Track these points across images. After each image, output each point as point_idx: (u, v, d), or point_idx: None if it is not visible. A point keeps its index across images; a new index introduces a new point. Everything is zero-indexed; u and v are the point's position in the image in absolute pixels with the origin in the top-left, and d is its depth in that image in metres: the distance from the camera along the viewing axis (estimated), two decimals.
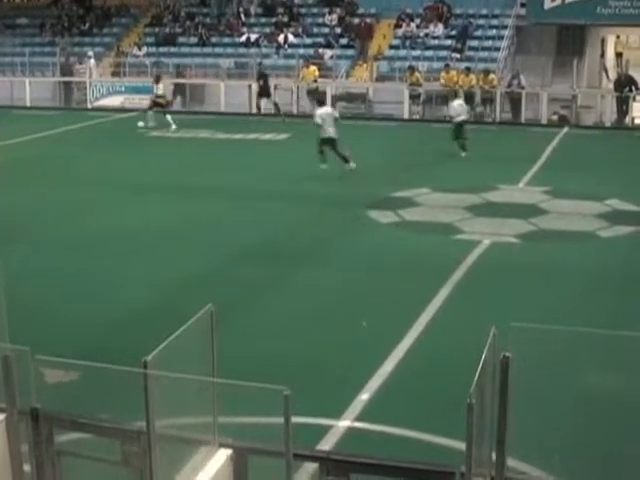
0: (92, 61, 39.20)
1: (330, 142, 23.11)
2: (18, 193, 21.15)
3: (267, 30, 40.72)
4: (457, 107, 26.60)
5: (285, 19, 41.20)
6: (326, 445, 8.76)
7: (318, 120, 23.27)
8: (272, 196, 20.82)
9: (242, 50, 39.26)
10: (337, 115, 23.94)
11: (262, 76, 34.90)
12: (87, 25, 43.19)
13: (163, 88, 32.32)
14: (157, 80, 32.30)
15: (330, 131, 23.07)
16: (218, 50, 39.48)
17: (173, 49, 40.40)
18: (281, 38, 39.71)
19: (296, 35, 39.99)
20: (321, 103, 25.92)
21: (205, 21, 42.07)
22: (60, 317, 12.78)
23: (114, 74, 39.68)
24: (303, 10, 42.05)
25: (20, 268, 14.68)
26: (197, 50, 40.02)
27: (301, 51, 38.12)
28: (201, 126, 32.26)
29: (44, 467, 7.08)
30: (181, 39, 41.29)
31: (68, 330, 12.15)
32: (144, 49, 40.65)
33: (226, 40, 40.49)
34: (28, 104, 37.16)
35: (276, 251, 16.52)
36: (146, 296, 13.75)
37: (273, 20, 41.37)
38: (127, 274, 14.94)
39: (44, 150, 27.81)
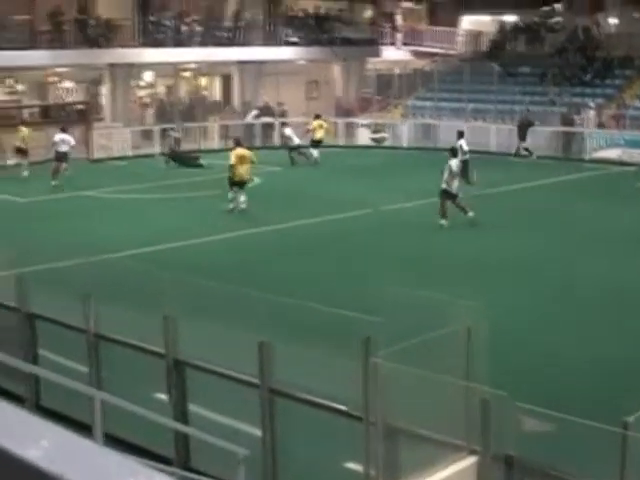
0: (592, 112, 38.99)
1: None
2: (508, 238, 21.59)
3: None
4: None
5: None
6: None
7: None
8: None
9: None
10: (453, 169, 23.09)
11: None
12: (589, 76, 43.06)
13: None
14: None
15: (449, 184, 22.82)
16: None
17: None
18: None
19: None
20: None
21: None
22: (535, 364, 12.75)
23: (610, 126, 39.07)
24: None
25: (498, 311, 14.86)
26: None
27: None
28: None
29: None
30: None
31: (542, 378, 12.08)
32: None
33: None
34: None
35: None
36: (619, 350, 13.32)
37: None
38: (609, 329, 14.58)
39: (537, 198, 28.00)
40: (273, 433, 9.31)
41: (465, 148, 25.66)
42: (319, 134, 36.24)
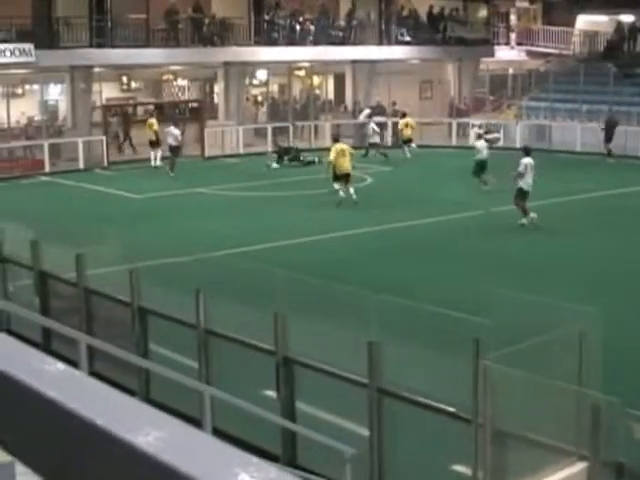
0: None
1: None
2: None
3: None
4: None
5: None
6: None
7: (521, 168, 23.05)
8: None
9: None
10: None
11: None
12: None
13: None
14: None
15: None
16: None
17: None
18: None
19: None
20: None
21: None
22: None
23: None
24: None
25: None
26: None
27: None
28: None
29: None
30: None
31: None
32: None
33: None
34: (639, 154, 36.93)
35: None
36: None
37: None
38: None
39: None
40: (380, 433, 9.30)
41: (481, 149, 28.63)
42: (407, 132, 37.15)
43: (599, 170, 33.56)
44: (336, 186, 26.03)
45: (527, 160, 23.25)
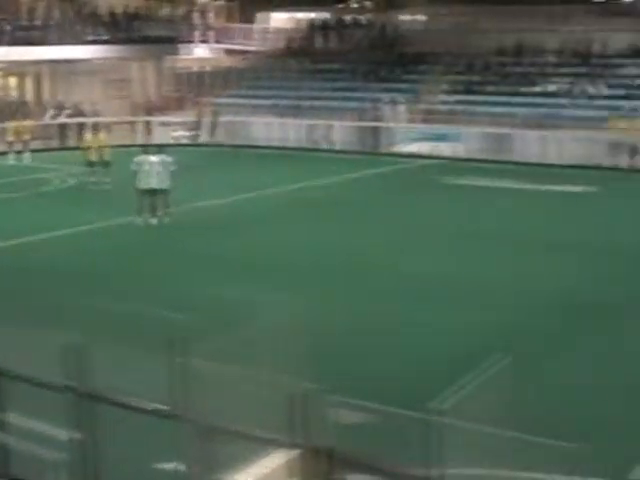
0: (399, 107, 39.80)
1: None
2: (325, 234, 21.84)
3: (567, 80, 40.15)
4: None
5: (586, 70, 40.40)
6: None
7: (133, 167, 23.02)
8: (576, 247, 20.29)
9: (540, 100, 38.85)
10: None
11: None
12: (395, 71, 44.00)
13: None
14: None
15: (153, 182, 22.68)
16: (516, 100, 39.27)
17: (475, 97, 40.33)
18: (581, 89, 39.03)
19: (596, 86, 39.04)
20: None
21: (507, 71, 42.02)
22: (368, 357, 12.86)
23: (418, 120, 39.83)
24: (605, 61, 41.10)
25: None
26: (495, 99, 39.74)
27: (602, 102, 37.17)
28: (503, 175, 31.42)
29: None
30: (479, 88, 41.33)
31: (372, 373, 12.16)
32: (447, 97, 40.95)
33: (523, 90, 40.16)
34: (336, 147, 38.07)
35: (587, 304, 15.94)
36: (446, 342, 13.64)
37: (573, 71, 40.74)
38: (436, 321, 14.94)
39: (343, 192, 28.35)
40: (87, 436, 9.08)
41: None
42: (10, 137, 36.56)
43: (292, 164, 34.45)
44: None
45: (137, 159, 23.23)
